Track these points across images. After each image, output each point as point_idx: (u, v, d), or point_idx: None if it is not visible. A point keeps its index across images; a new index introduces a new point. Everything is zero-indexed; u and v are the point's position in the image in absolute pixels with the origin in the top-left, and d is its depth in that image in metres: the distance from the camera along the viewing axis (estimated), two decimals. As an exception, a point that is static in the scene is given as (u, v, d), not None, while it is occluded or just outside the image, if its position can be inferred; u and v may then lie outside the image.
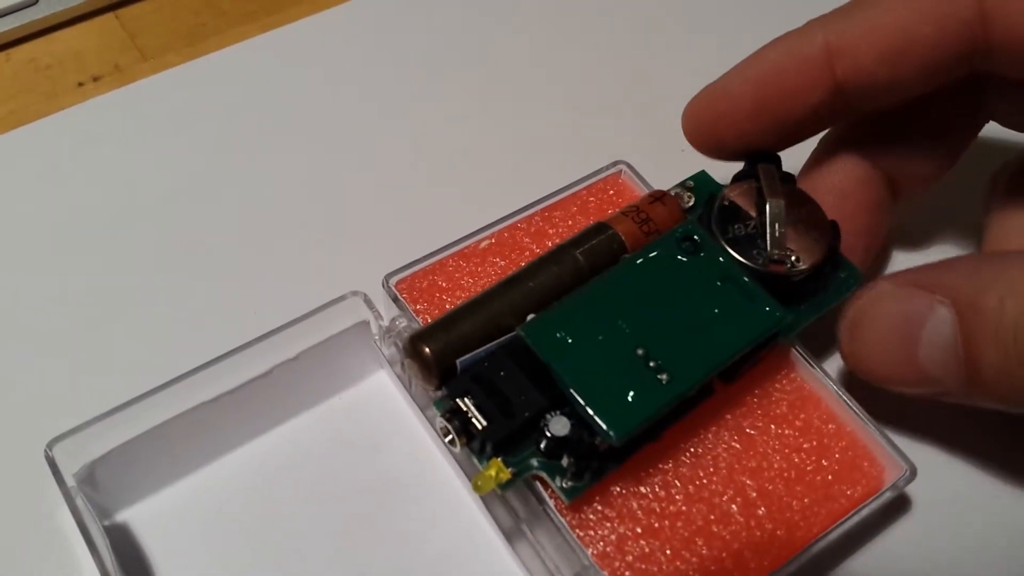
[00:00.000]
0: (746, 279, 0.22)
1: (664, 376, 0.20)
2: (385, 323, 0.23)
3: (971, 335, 0.19)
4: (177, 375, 0.22)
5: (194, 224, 0.28)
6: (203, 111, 0.31)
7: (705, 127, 0.24)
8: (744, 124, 0.24)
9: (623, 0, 0.35)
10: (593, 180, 0.26)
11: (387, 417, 0.24)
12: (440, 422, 0.20)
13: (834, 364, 0.24)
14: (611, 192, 0.26)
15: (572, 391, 0.20)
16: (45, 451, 0.21)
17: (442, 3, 0.34)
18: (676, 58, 0.33)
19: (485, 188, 0.29)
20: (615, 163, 0.26)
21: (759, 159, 0.24)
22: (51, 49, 0.33)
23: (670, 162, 0.25)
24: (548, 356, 0.20)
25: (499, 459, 0.20)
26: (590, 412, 0.20)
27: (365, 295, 0.23)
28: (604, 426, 0.20)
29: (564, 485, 0.20)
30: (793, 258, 0.22)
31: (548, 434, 0.20)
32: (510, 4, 0.34)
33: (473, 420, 0.20)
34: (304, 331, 0.23)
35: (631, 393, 0.20)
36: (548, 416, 0.20)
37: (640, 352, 0.20)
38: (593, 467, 0.20)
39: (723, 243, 0.22)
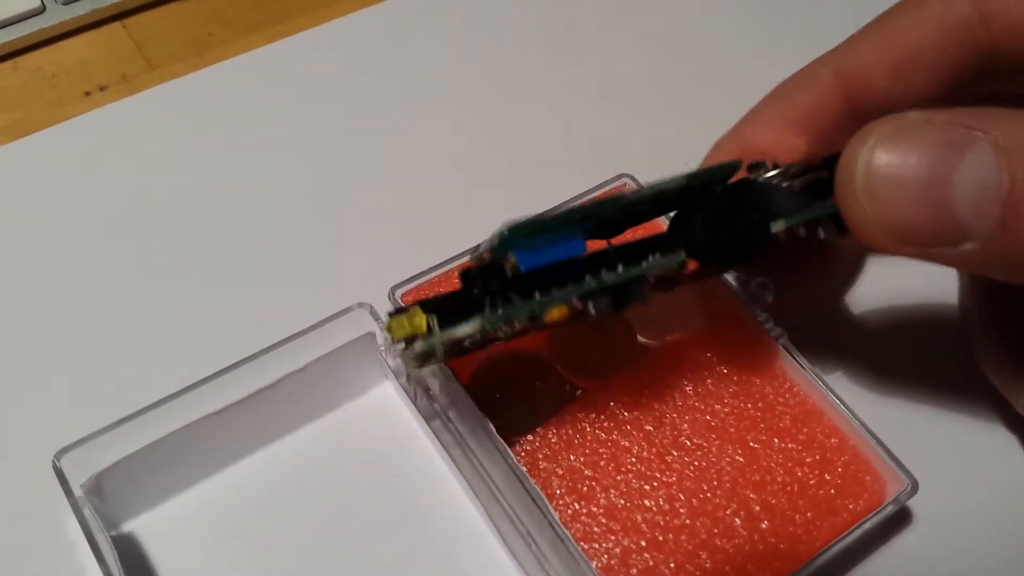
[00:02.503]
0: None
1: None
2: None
3: (1016, 169, 0.17)
4: (184, 386, 0.22)
5: (200, 234, 0.28)
6: (210, 121, 0.31)
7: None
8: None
9: (628, 15, 0.35)
10: (598, 192, 0.26)
11: (392, 428, 0.24)
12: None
13: (837, 379, 0.25)
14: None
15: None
16: (53, 462, 0.21)
17: (448, 15, 0.34)
18: (678, 73, 0.33)
19: (490, 200, 0.29)
20: (619, 176, 0.26)
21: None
22: (58, 58, 0.33)
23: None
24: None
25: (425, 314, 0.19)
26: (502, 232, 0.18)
27: (371, 307, 0.23)
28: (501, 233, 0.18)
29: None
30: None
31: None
32: (515, 16, 0.34)
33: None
34: (310, 342, 0.23)
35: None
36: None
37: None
38: (496, 290, 0.19)
39: None
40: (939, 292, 0.27)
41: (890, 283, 0.27)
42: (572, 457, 0.22)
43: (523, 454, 0.22)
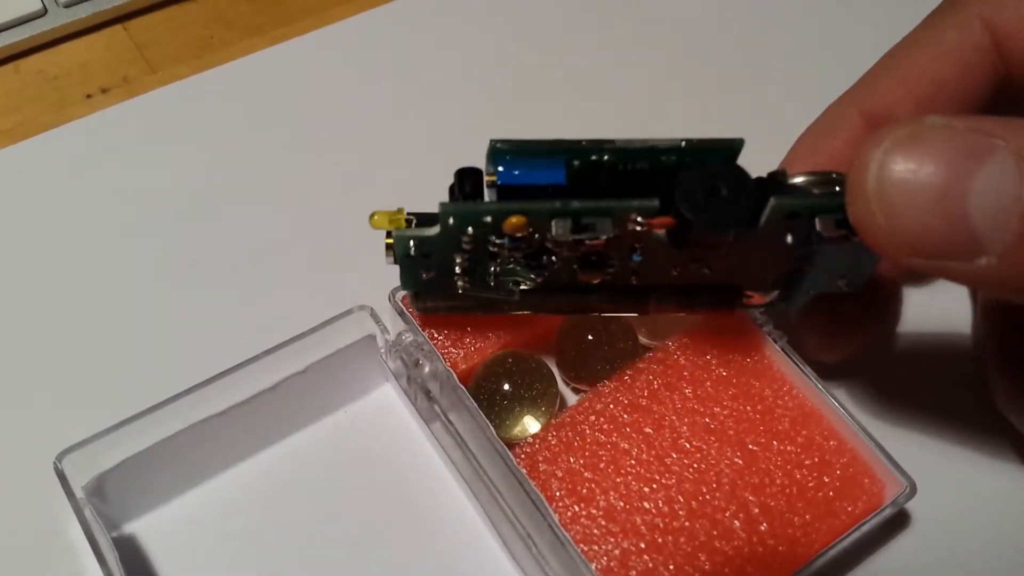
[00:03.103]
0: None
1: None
2: (391, 337, 0.23)
3: None
4: (185, 388, 0.22)
5: (202, 237, 0.28)
6: (211, 123, 0.31)
7: None
8: None
9: (632, 16, 0.35)
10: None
11: (392, 430, 0.24)
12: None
13: (836, 381, 0.25)
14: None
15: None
16: (54, 463, 0.21)
17: (450, 18, 0.34)
18: (690, 76, 0.33)
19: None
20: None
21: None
22: (59, 60, 0.33)
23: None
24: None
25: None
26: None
27: (372, 309, 0.23)
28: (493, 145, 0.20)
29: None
30: None
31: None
32: (518, 17, 0.35)
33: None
34: (311, 345, 0.23)
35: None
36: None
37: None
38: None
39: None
40: (940, 294, 0.27)
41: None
42: (572, 459, 0.22)
43: (523, 456, 0.22)
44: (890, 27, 0.32)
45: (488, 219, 0.20)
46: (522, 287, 0.21)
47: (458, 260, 0.21)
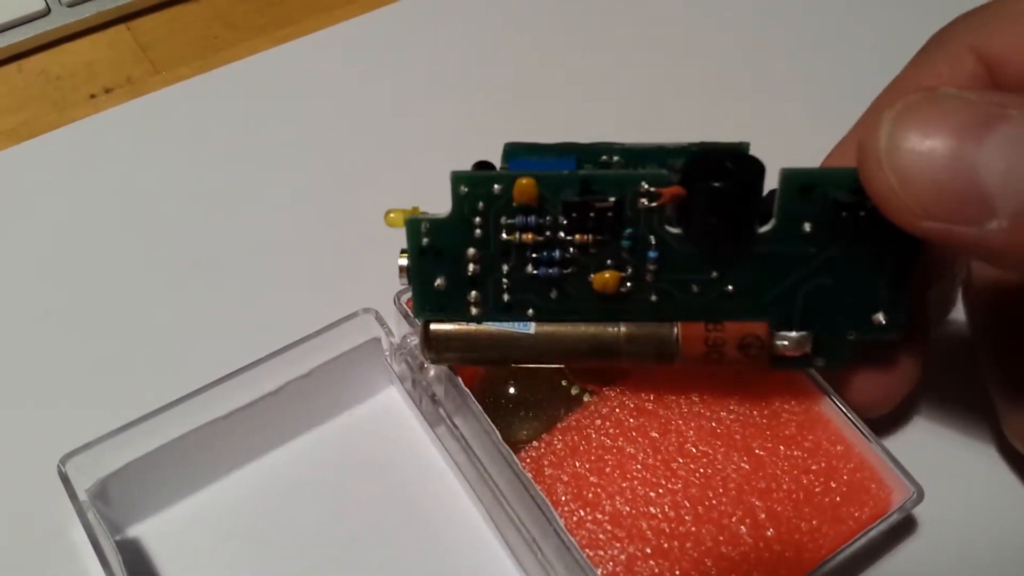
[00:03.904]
0: None
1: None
2: (396, 340, 0.23)
3: None
4: (189, 391, 0.22)
5: (205, 239, 0.28)
6: (214, 124, 0.31)
7: None
8: None
9: (637, 17, 0.35)
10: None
11: (397, 433, 0.24)
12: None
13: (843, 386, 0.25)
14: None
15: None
16: (58, 466, 0.21)
17: (453, 19, 0.34)
18: (693, 75, 0.33)
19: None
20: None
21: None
22: (63, 60, 0.33)
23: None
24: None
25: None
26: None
27: (376, 312, 0.23)
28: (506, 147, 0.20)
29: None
30: None
31: None
32: (520, 19, 0.34)
33: None
34: (316, 348, 0.23)
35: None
36: None
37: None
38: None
39: None
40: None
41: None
42: (577, 464, 0.22)
43: (528, 460, 0.22)
44: (891, 29, 0.32)
45: (498, 187, 0.20)
46: (536, 307, 0.21)
47: (470, 255, 0.20)
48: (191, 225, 0.28)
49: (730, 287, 0.21)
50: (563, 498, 0.21)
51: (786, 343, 0.21)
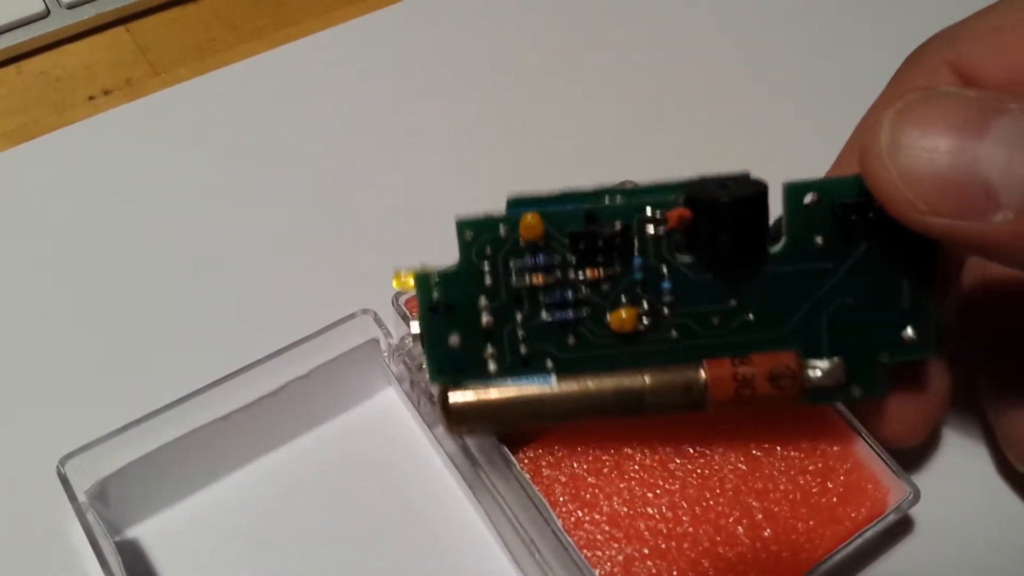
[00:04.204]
0: None
1: None
2: (394, 341, 0.23)
3: None
4: (188, 392, 0.22)
5: (204, 240, 0.28)
6: (214, 126, 0.31)
7: None
8: None
9: (640, 18, 0.35)
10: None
11: (395, 434, 0.24)
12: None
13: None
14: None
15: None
16: (57, 467, 0.21)
17: (452, 20, 0.34)
18: (691, 81, 0.33)
19: (499, 204, 0.29)
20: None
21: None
22: (62, 62, 0.33)
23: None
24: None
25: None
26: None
27: (375, 313, 0.23)
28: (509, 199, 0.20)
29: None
30: None
31: None
32: (520, 20, 0.35)
33: None
34: (314, 349, 0.23)
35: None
36: None
37: None
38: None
39: None
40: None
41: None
42: (575, 464, 0.22)
43: (526, 461, 0.22)
44: (892, 31, 0.32)
45: (504, 228, 0.19)
46: (554, 357, 0.20)
47: (483, 305, 0.20)
48: (190, 226, 0.28)
49: (750, 315, 0.20)
50: (561, 499, 0.21)
51: (818, 372, 0.20)
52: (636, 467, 0.22)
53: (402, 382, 0.24)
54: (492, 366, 0.20)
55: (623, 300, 0.20)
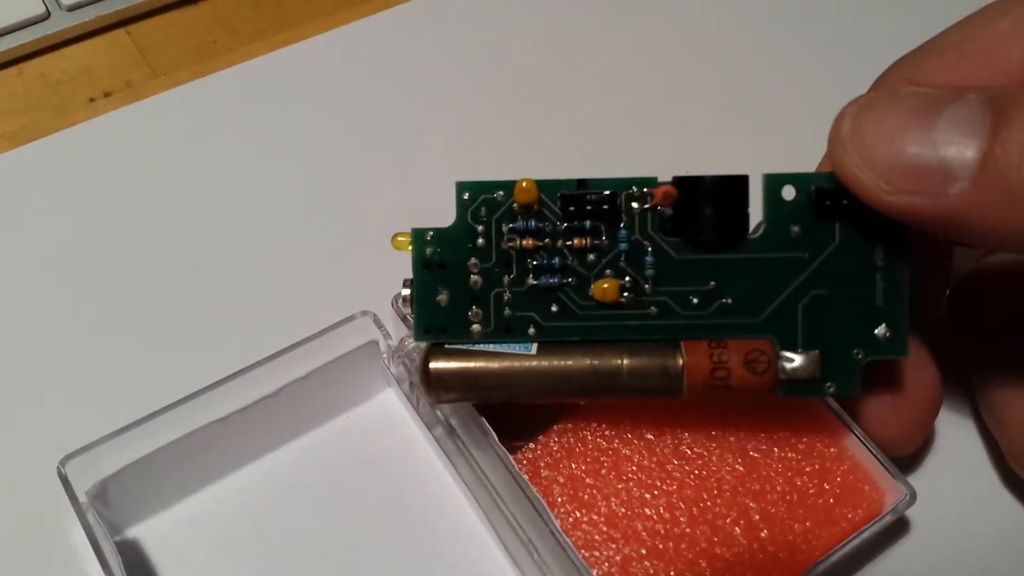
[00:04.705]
0: None
1: None
2: (394, 343, 0.24)
3: (1000, 110, 0.18)
4: (188, 393, 0.22)
5: (204, 242, 0.28)
6: (214, 128, 0.31)
7: None
8: None
9: (641, 18, 0.35)
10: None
11: (395, 436, 0.24)
12: None
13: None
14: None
15: None
16: (58, 468, 0.21)
17: (453, 23, 0.34)
18: (694, 82, 0.33)
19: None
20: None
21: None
22: (62, 64, 0.33)
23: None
24: None
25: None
26: None
27: (374, 315, 0.24)
28: None
29: None
30: None
31: None
32: (520, 22, 0.35)
33: None
34: (314, 350, 0.23)
35: None
36: None
37: None
38: None
39: None
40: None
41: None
42: (573, 465, 0.22)
43: (525, 462, 0.22)
44: (892, 31, 0.32)
45: (501, 193, 0.21)
46: (536, 324, 0.21)
47: (472, 262, 0.21)
48: (190, 228, 0.28)
49: (729, 300, 0.21)
50: (559, 499, 0.21)
51: (793, 364, 0.21)
52: (634, 468, 0.22)
53: (401, 383, 0.24)
54: (476, 327, 0.21)
55: (607, 272, 0.21)
